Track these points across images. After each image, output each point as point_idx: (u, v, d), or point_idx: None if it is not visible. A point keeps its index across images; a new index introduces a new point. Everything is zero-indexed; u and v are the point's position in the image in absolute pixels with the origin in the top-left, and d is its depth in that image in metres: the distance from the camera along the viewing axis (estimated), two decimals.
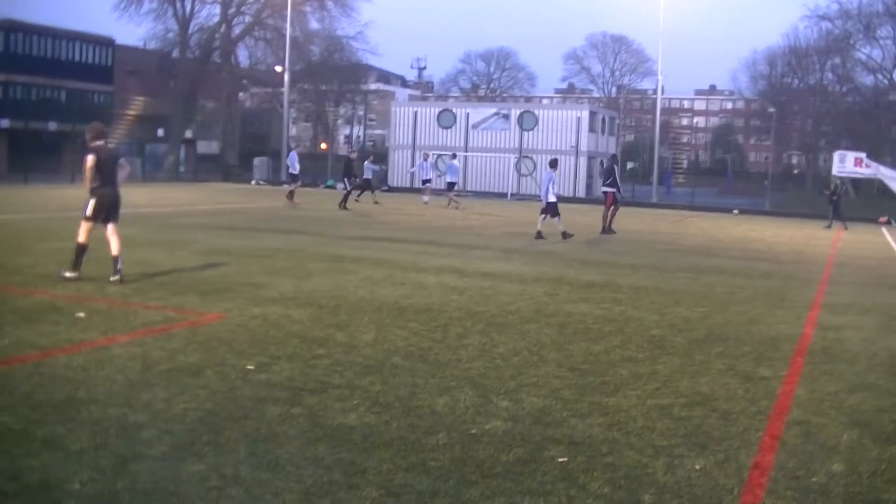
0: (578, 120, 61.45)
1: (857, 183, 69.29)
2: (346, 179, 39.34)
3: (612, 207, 29.97)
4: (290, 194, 39.85)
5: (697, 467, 6.60)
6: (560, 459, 6.58)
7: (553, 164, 28.00)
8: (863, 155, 49.19)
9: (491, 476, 6.16)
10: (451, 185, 42.93)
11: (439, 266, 17.91)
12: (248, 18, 75.78)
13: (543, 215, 26.42)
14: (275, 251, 19.06)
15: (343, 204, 36.85)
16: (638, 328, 12.12)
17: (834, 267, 22.28)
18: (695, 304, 14.54)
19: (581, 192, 60.08)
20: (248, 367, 8.81)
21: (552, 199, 26.26)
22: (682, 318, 13.10)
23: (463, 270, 17.41)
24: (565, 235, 25.82)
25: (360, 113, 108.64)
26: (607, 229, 29.68)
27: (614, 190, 30.21)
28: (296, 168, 42.09)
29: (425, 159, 46.10)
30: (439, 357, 9.72)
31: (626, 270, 18.91)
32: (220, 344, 9.80)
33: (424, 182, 44.70)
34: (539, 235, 26.02)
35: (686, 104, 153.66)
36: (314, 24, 79.79)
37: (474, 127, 63.36)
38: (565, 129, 61.42)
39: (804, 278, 19.34)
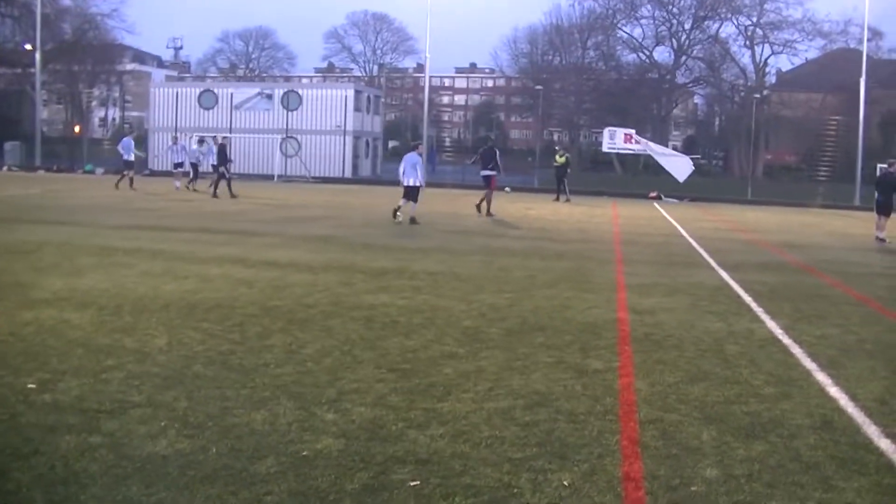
0: (344, 99, 60.63)
1: (622, 159, 70.76)
2: (222, 166, 37.61)
3: (488, 190, 30.74)
4: (125, 180, 39.53)
5: (566, 483, 5.92)
6: (412, 483, 5.79)
7: (415, 147, 28.54)
8: (632, 131, 49.97)
9: None
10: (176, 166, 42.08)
11: (220, 256, 16.85)
12: None
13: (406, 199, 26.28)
14: (39, 245, 17.52)
15: (227, 191, 36.29)
16: (448, 319, 11.43)
17: (623, 245, 22.22)
18: (498, 290, 13.97)
19: (348, 173, 59.37)
20: (29, 385, 7.65)
21: (416, 183, 26.33)
22: (490, 307, 12.49)
23: (246, 259, 16.41)
24: (413, 221, 25.59)
25: (116, 94, 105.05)
26: (487, 212, 30.19)
27: (495, 173, 31.04)
28: (130, 154, 40.52)
29: (174, 142, 44.13)
30: (244, 362, 8.77)
31: (416, 255, 18.25)
32: None
33: (176, 166, 42.38)
34: (413, 221, 25.74)
35: (447, 82, 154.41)
36: (66, 1, 76.52)
37: (237, 107, 61.79)
38: (330, 108, 60.60)
39: (598, 258, 19.11)
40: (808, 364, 9.73)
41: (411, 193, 26.48)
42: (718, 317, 12.52)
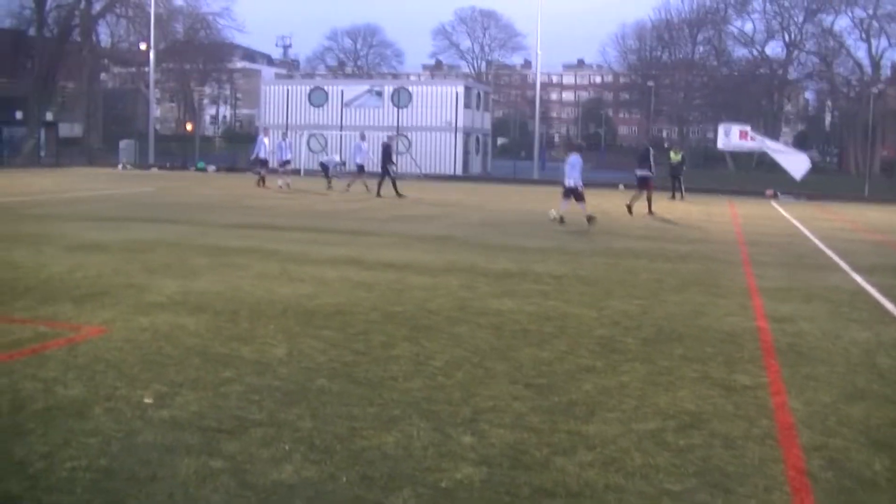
0: (454, 95, 60.14)
1: (735, 156, 69.30)
2: (387, 167, 36.44)
3: (647, 191, 30.81)
4: (261, 181, 39.44)
5: None
6: None
7: (578, 148, 28.59)
8: (748, 127, 48.65)
9: None
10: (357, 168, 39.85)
11: (335, 257, 16.38)
12: None
13: (567, 199, 26.02)
14: (152, 244, 17.24)
15: (396, 191, 35.52)
16: (580, 328, 10.78)
17: (747, 246, 21.30)
18: (627, 295, 13.29)
19: (458, 170, 58.90)
20: (146, 399, 7.20)
21: (573, 183, 25.95)
22: (621, 313, 11.82)
23: (362, 261, 15.90)
24: (561, 221, 25.39)
25: (226, 92, 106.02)
26: (649, 211, 30.29)
27: (651, 174, 31.02)
28: (264, 152, 40.57)
29: (283, 139, 43.09)
30: (370, 375, 8.23)
31: (536, 256, 17.62)
32: (107, 367, 8.15)
33: (282, 164, 40.56)
34: (561, 220, 25.49)
35: (555, 79, 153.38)
36: (178, 1, 77.21)
37: (347, 105, 61.63)
38: (440, 105, 60.10)
39: (725, 260, 18.28)
40: None
41: (573, 193, 26.02)
42: (863, 325, 11.71)
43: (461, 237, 20.59)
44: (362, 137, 40.31)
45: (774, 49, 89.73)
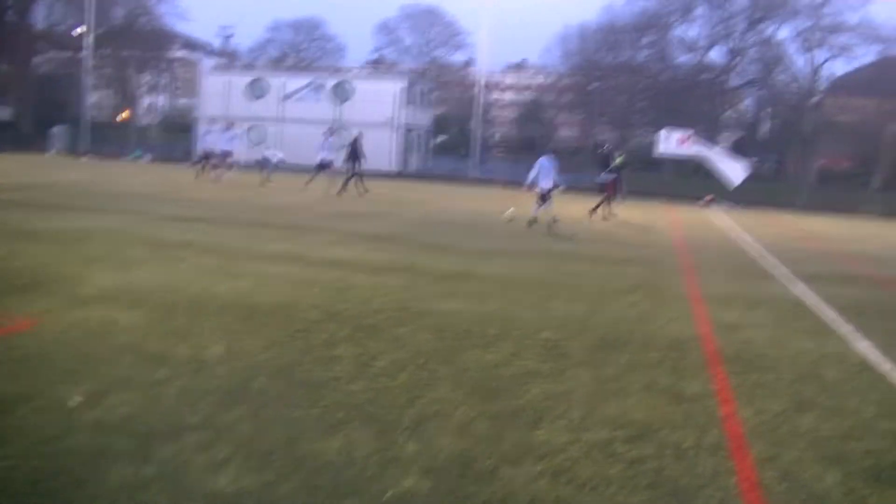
0: (396, 91, 59.82)
1: (675, 161, 69.50)
2: (353, 163, 35.97)
3: (607, 194, 31.12)
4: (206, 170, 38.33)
5: None
6: None
7: (552, 150, 28.71)
8: (688, 133, 48.80)
9: None
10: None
11: (276, 252, 16.04)
12: None
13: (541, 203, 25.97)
14: (88, 234, 16.74)
15: (353, 185, 35.09)
16: (524, 330, 10.56)
17: (690, 253, 21.26)
18: (571, 298, 13.12)
19: (397, 167, 58.57)
20: (76, 398, 6.87)
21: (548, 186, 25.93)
22: (565, 316, 11.64)
23: (304, 257, 15.59)
24: (554, 221, 25.51)
25: (165, 81, 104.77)
26: (609, 215, 30.58)
27: (615, 176, 31.42)
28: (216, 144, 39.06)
29: (228, 128, 40.49)
30: (312, 375, 7.95)
31: (478, 256, 17.42)
32: (39, 364, 7.78)
33: (224, 155, 39.04)
34: (554, 220, 25.59)
35: (497, 78, 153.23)
36: None
37: (287, 97, 61.09)
38: (382, 100, 59.72)
39: (667, 265, 18.21)
40: None
41: (545, 197, 26.01)
42: (807, 335, 11.64)
43: (403, 235, 20.31)
44: (330, 133, 39.52)
45: (717, 55, 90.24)
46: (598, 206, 30.84)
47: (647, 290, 14.61)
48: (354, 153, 35.99)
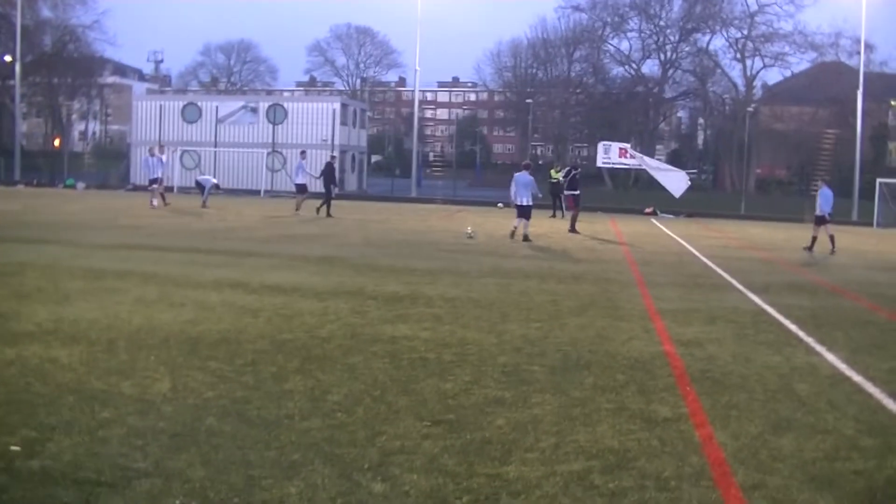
0: (331, 112, 59.37)
1: (612, 173, 69.63)
2: (329, 185, 36.32)
3: (575, 209, 32.89)
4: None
5: None
6: None
7: (526, 167, 28.63)
8: (627, 146, 48.80)
9: None
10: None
11: (217, 279, 15.55)
12: None
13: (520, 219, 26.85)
14: (21, 267, 16.12)
15: (323, 209, 35.29)
16: (481, 355, 10.20)
17: (638, 265, 21.02)
18: (525, 318, 12.78)
19: (335, 188, 58.08)
20: (13, 447, 6.40)
21: (528, 202, 26.84)
22: (522, 338, 11.30)
23: (247, 284, 15.11)
24: (526, 238, 26.47)
25: (96, 108, 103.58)
26: (572, 229, 31.35)
27: (578, 192, 33.07)
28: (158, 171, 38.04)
29: (151, 154, 38.95)
30: (263, 413, 7.52)
31: (425, 277, 17.04)
32: None
33: (152, 182, 38.13)
34: (516, 235, 26.78)
35: (430, 96, 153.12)
36: (46, 12, 75.17)
37: (221, 121, 60.44)
38: (316, 121, 59.33)
39: (618, 280, 17.93)
40: (894, 406, 8.66)
41: (525, 213, 26.68)
42: (771, 348, 11.39)
43: (346, 258, 19.89)
44: (303, 156, 39.31)
45: (651, 67, 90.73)
46: (574, 222, 32.01)
47: (602, 306, 14.34)
48: (329, 176, 36.52)
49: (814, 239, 28.45)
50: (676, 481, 6.28)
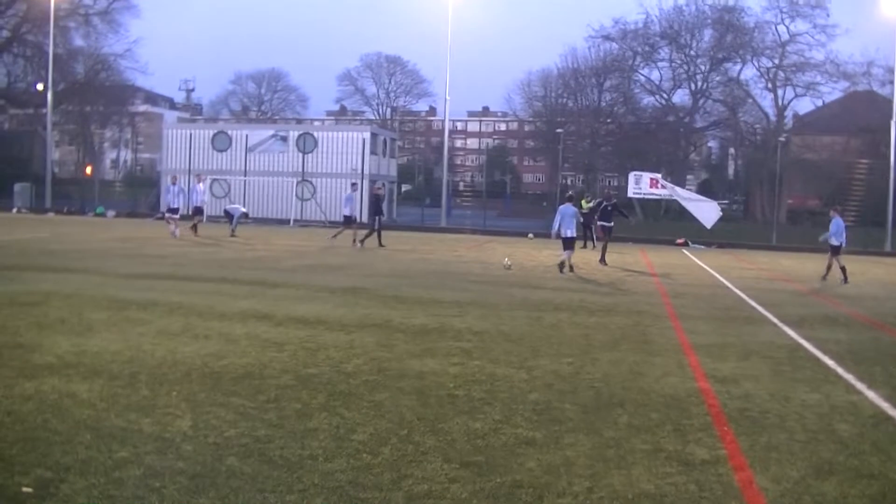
0: (361, 141, 59.26)
1: (643, 204, 69.19)
2: (375, 217, 36.15)
3: (605, 240, 32.70)
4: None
5: None
6: None
7: (570, 198, 29.15)
8: (658, 176, 48.54)
9: None
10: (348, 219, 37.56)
11: (242, 311, 15.34)
12: (5, 33, 70.87)
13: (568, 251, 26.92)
14: (45, 296, 15.98)
15: (364, 240, 35.11)
16: (511, 392, 9.94)
17: (671, 298, 20.67)
18: (556, 353, 12.50)
19: (364, 217, 57.95)
20: (25, 488, 6.18)
21: (572, 234, 26.99)
22: (553, 374, 11.03)
23: (272, 316, 14.89)
24: (571, 269, 26.67)
25: (128, 136, 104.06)
26: (602, 260, 31.13)
27: (611, 224, 33.00)
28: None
29: (174, 183, 38.73)
30: (286, 453, 7.28)
31: (453, 309, 16.77)
32: None
33: (171, 211, 37.40)
34: (565, 268, 26.72)
35: (460, 125, 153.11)
36: (78, 41, 75.60)
37: (251, 150, 60.40)
38: (346, 150, 59.11)
39: (650, 313, 17.61)
40: None
41: (570, 244, 26.85)
42: (810, 386, 11.06)
43: (372, 289, 19.64)
44: (353, 188, 38.96)
45: (681, 97, 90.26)
46: (604, 254, 31.80)
47: (635, 340, 14.06)
48: (376, 207, 36.33)
49: (828, 268, 28.66)
50: None
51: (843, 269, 27.86)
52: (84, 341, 11.81)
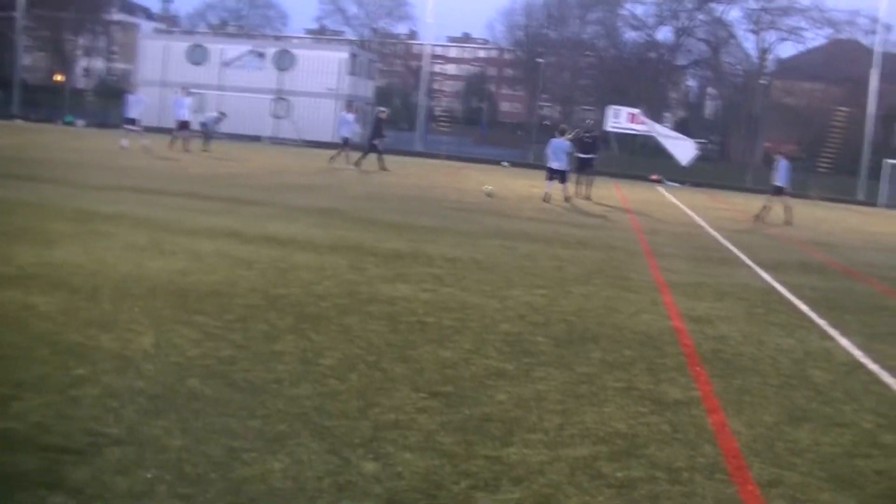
0: (339, 61, 58.62)
1: (619, 138, 68.92)
2: (373, 140, 36.33)
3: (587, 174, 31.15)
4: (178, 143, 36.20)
5: None
6: None
7: (562, 132, 29.05)
8: (637, 111, 48.21)
9: None
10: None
11: (212, 227, 15.04)
12: None
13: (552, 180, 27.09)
14: (11, 206, 15.57)
15: (358, 162, 35.33)
16: (483, 321, 9.72)
17: (646, 234, 20.50)
18: (529, 284, 12.29)
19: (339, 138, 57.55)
20: None
21: (564, 167, 27.15)
22: (525, 305, 10.82)
23: (242, 234, 14.61)
24: (567, 200, 26.83)
25: (101, 45, 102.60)
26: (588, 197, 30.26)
27: (592, 156, 31.02)
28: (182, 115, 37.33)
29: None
30: (250, 376, 7.03)
31: (427, 235, 16.56)
32: None
33: (127, 122, 36.65)
34: (549, 198, 26.69)
35: (440, 51, 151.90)
36: None
37: (227, 64, 59.67)
38: (324, 70, 58.52)
39: (624, 249, 17.44)
40: None
41: (559, 175, 26.97)
42: (784, 330, 10.90)
43: (347, 211, 19.39)
44: (348, 109, 38.68)
45: (665, 34, 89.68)
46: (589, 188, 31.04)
47: (609, 275, 13.88)
48: (378, 130, 36.44)
49: (765, 208, 28.92)
50: (689, 473, 5.83)
51: (788, 209, 28.39)
52: (46, 252, 11.46)
